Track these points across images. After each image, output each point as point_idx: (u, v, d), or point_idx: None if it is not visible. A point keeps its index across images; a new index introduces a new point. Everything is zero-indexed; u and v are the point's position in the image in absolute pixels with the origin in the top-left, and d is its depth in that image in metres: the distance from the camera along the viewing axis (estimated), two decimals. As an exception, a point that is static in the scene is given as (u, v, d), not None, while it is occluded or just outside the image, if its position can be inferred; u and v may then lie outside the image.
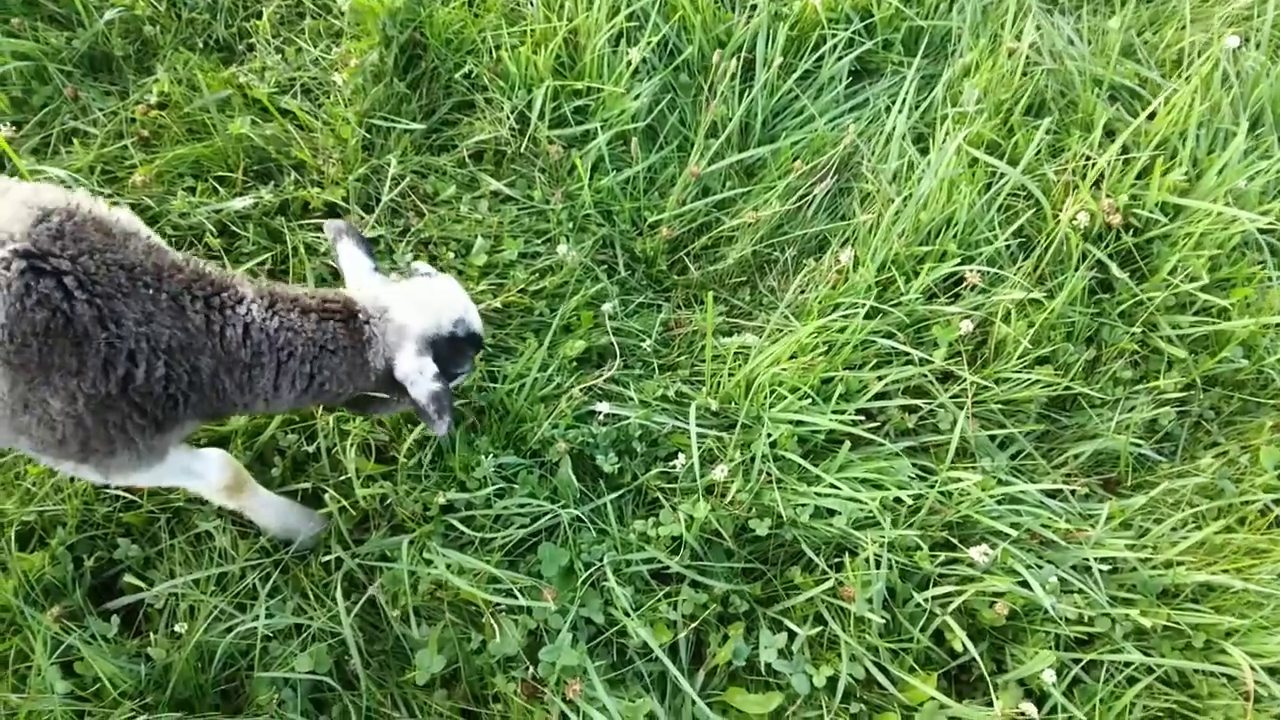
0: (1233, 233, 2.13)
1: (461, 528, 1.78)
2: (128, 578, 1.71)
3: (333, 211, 2.16)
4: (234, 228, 2.13)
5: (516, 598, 1.67)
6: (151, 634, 1.66)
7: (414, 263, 1.78)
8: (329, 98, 2.29)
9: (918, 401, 2.00)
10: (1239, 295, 2.08)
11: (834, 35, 2.37)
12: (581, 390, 1.95)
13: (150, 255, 1.43)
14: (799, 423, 1.91)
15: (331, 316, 1.53)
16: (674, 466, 1.87)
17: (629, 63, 2.25)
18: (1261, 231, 2.21)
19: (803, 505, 1.83)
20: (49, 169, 2.13)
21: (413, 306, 1.57)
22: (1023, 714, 1.63)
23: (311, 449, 1.90)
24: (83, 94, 2.32)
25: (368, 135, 2.24)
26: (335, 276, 2.09)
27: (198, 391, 1.46)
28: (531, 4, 2.35)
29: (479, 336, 1.65)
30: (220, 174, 2.21)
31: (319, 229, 2.15)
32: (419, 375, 1.52)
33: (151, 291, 1.40)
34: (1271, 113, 2.39)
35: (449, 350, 1.59)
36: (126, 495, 1.82)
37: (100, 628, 1.65)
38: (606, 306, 2.02)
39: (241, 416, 1.91)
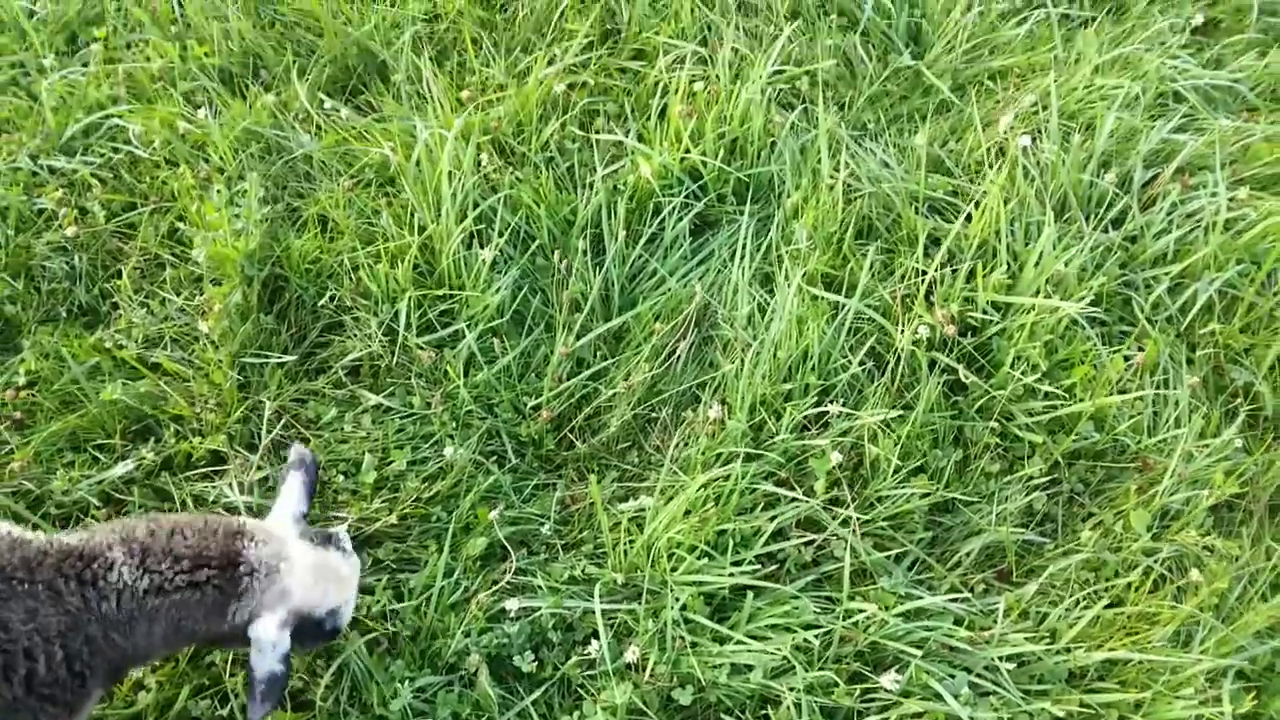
0: (1060, 316, 2.32)
1: (388, 764, 1.77)
2: None
3: (217, 458, 2.19)
4: (119, 495, 2.14)
5: (452, 829, 1.66)
6: None
7: (339, 529, 1.81)
8: (199, 344, 2.34)
9: (811, 535, 2.09)
10: (1079, 374, 2.25)
11: (670, 200, 2.54)
12: (487, 594, 1.98)
13: (15, 551, 1.47)
14: (701, 583, 1.97)
15: (206, 565, 1.56)
16: (588, 653, 1.90)
17: (483, 261, 2.37)
18: (1092, 304, 2.41)
19: (719, 666, 1.87)
20: (-81, 473, 2.11)
21: (309, 577, 1.62)
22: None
23: (225, 711, 1.87)
24: (-52, 384, 2.32)
25: (241, 375, 2.29)
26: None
27: (99, 656, 1.49)
28: (383, 221, 2.47)
29: (338, 631, 1.73)
30: (99, 442, 2.23)
31: (206, 478, 2.17)
32: (270, 648, 1.56)
33: (26, 586, 1.44)
34: (1074, 195, 2.63)
35: (309, 632, 1.65)
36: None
37: None
38: (493, 514, 2.07)
39: (150, 692, 1.88)
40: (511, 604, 1.98)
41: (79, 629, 1.45)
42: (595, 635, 1.94)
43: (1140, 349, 2.36)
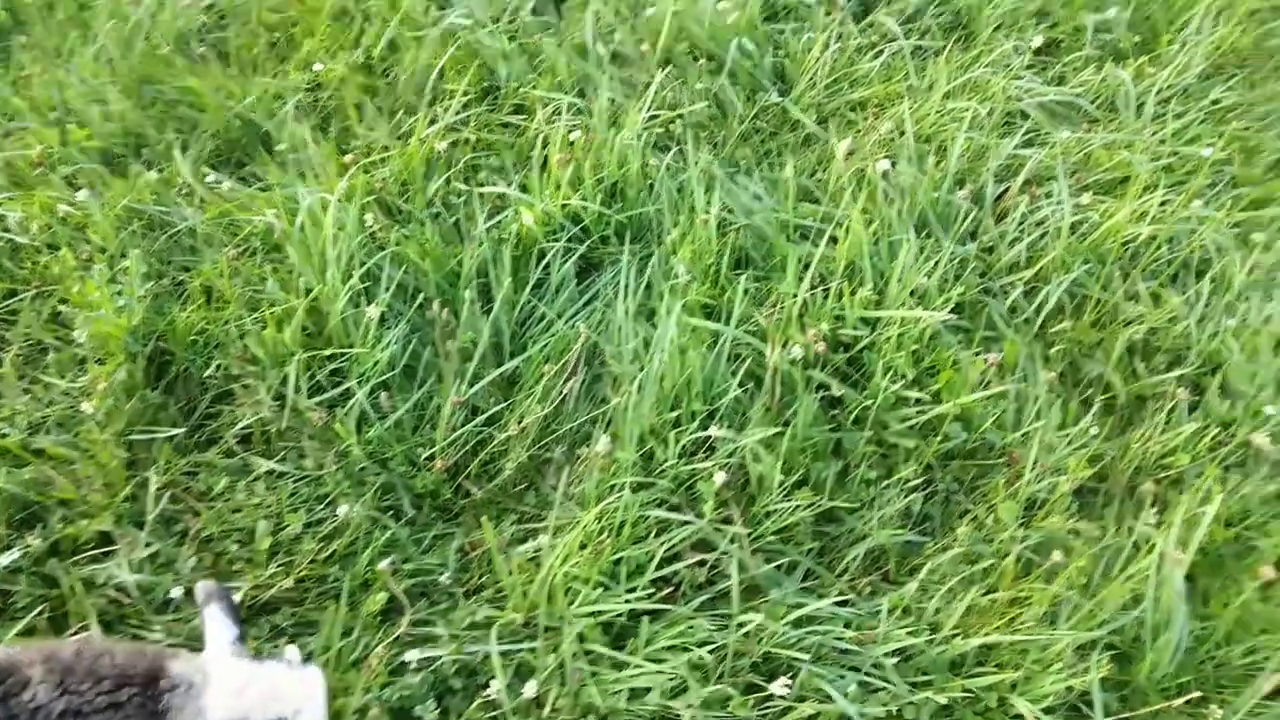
0: (924, 326, 2.46)
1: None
2: None
3: (105, 539, 2.18)
4: (6, 585, 2.11)
5: None
6: None
7: (287, 646, 1.75)
8: (84, 426, 2.33)
9: (703, 556, 2.16)
10: (944, 378, 2.38)
11: (553, 245, 2.63)
12: (386, 648, 2.01)
13: None
14: (598, 613, 2.02)
15: (129, 683, 1.49)
16: (489, 695, 1.94)
17: (370, 319, 2.42)
18: (954, 312, 2.56)
19: (617, 692, 1.92)
20: None
21: (230, 690, 1.52)
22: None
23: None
24: None
25: (129, 453, 2.29)
26: (119, 606, 2.09)
27: None
28: (269, 287, 2.51)
29: None
30: (-15, 533, 2.20)
31: (95, 560, 2.15)
32: None
33: None
34: (932, 213, 2.80)
35: None
36: None
37: None
38: (384, 564, 2.10)
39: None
40: (411, 655, 2.00)
41: None
42: (492, 679, 1.97)
43: (1002, 351, 2.51)
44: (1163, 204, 2.83)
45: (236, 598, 2.03)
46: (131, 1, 3.37)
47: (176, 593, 2.04)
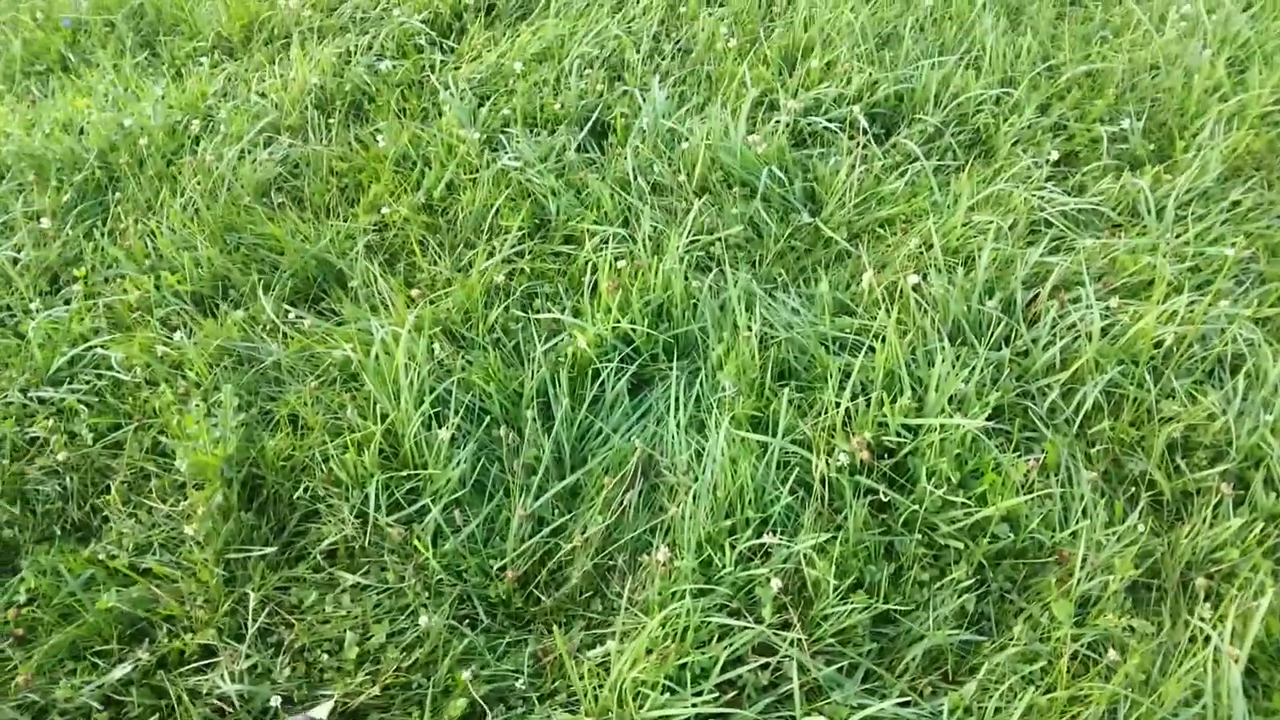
0: (964, 431, 2.58)
1: None
2: None
3: (208, 651, 2.33)
4: (118, 696, 2.26)
5: None
6: None
7: None
8: (185, 546, 2.52)
9: (765, 659, 2.24)
10: (988, 481, 2.49)
11: (606, 365, 2.83)
12: (467, 754, 2.11)
13: None
14: (667, 718, 2.11)
15: None
16: (567, 799, 2.02)
17: (442, 441, 2.61)
18: (993, 417, 2.68)
19: (689, 796, 1.99)
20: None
21: None
22: None
23: None
24: (-52, 613, 2.47)
25: (226, 570, 2.46)
26: (222, 715, 2.22)
27: None
28: (348, 414, 2.72)
29: None
30: (98, 648, 2.36)
31: (199, 672, 2.30)
32: None
33: None
34: (965, 321, 2.95)
35: None
36: None
37: None
38: (465, 674, 2.22)
39: None
40: (491, 762, 2.10)
41: None
42: (572, 782, 2.06)
43: (1044, 452, 2.62)
44: (1190, 305, 2.95)
45: (326, 709, 2.15)
46: (215, 158, 3.74)
47: (275, 701, 2.18)
